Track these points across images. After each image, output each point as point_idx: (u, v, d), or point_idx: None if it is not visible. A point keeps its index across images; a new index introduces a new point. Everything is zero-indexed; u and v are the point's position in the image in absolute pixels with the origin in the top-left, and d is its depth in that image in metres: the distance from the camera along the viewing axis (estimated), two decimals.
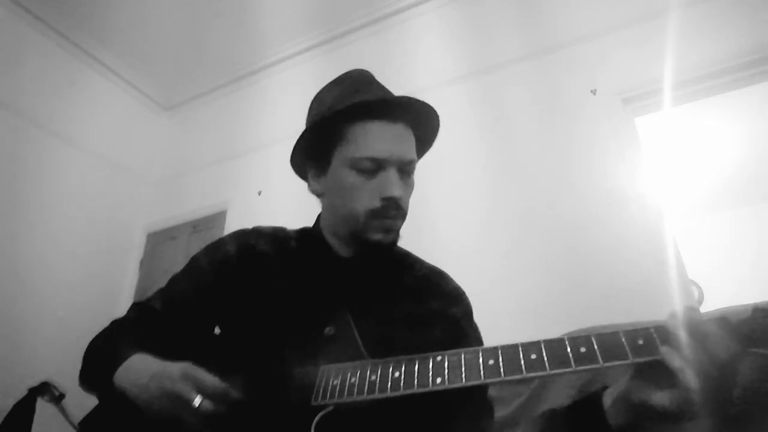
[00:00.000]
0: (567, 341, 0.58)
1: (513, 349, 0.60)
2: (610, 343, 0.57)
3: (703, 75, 2.29)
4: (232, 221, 3.31)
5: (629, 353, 0.56)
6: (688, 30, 2.30)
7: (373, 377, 0.65)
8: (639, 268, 2.00)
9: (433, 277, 0.93)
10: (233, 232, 0.95)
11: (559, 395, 1.40)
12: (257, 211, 3.22)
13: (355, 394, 0.65)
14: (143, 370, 0.71)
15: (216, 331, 0.88)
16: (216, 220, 3.39)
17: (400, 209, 0.83)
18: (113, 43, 3.61)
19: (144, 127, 4.00)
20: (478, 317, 0.91)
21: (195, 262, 0.92)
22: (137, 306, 0.90)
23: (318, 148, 0.87)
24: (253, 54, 3.74)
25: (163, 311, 0.87)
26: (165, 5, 3.36)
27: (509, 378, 0.58)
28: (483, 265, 2.31)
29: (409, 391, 0.62)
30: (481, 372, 0.60)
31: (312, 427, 0.65)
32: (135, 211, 3.71)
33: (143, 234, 3.70)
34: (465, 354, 0.63)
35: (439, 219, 2.53)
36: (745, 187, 4.41)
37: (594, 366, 0.56)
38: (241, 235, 0.94)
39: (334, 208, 0.87)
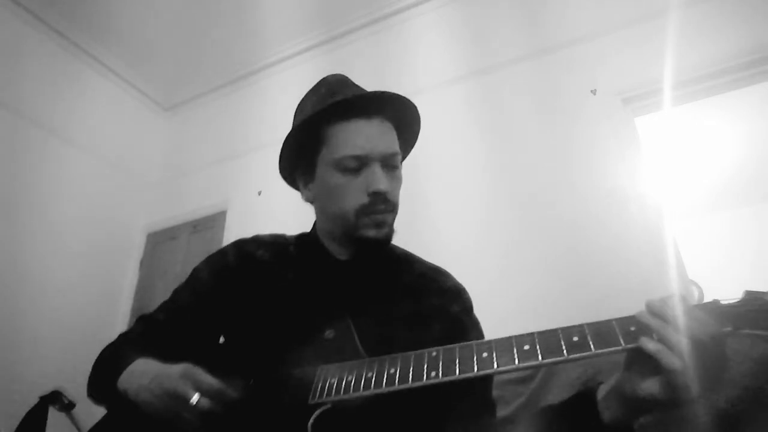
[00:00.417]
0: (560, 331, 0.59)
1: (506, 342, 0.61)
2: (602, 331, 0.57)
3: (703, 75, 2.29)
4: (232, 221, 3.31)
5: (621, 340, 0.56)
6: (688, 30, 2.30)
7: (370, 374, 0.66)
8: (639, 268, 1.99)
9: (433, 275, 0.93)
10: (233, 241, 0.97)
11: (559, 395, 1.40)
12: (257, 211, 3.22)
13: (352, 390, 0.65)
14: (145, 372, 0.72)
15: (220, 341, 0.90)
16: (216, 220, 3.39)
17: (388, 203, 0.83)
18: (113, 43, 3.61)
19: (144, 127, 4.00)
20: (478, 318, 0.91)
21: (196, 273, 0.94)
22: (142, 319, 0.92)
23: (302, 155, 0.88)
24: (253, 54, 3.75)
25: (168, 322, 0.89)
26: (165, 5, 3.36)
27: (502, 369, 0.58)
28: (483, 265, 2.31)
29: (404, 386, 0.62)
30: (475, 365, 0.60)
31: (309, 425, 0.65)
32: (135, 211, 3.71)
33: (143, 234, 3.70)
34: (459, 348, 0.63)
35: (439, 219, 2.53)
36: (745, 187, 4.41)
37: (586, 354, 0.56)
38: (241, 244, 0.95)
39: (325, 211, 0.89)
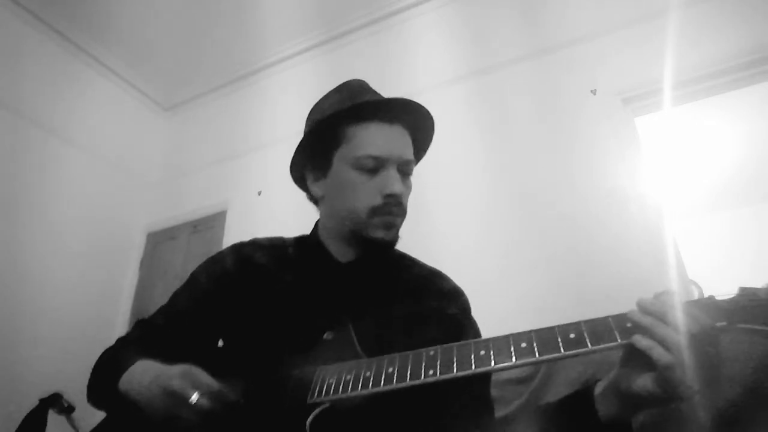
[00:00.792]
0: (557, 329, 0.59)
1: (504, 340, 0.61)
2: (598, 328, 0.57)
3: (703, 75, 2.29)
4: (232, 221, 3.31)
5: (617, 336, 0.56)
6: (688, 30, 2.30)
7: (368, 373, 0.66)
8: (639, 268, 1.99)
9: (431, 278, 0.93)
10: (231, 245, 0.97)
11: (559, 395, 1.40)
12: (257, 211, 3.22)
13: (350, 390, 0.66)
14: (145, 373, 0.73)
15: (219, 344, 0.90)
16: (216, 220, 3.39)
17: (401, 206, 0.85)
18: (113, 43, 3.61)
19: (144, 127, 3.99)
20: (477, 318, 0.91)
21: (195, 276, 0.94)
22: (141, 323, 0.92)
23: (318, 151, 0.89)
24: (253, 54, 3.75)
25: (166, 327, 0.89)
26: (165, 5, 3.36)
27: (500, 366, 0.59)
28: (483, 265, 2.31)
29: (402, 385, 0.62)
30: (473, 363, 0.60)
31: (307, 425, 0.65)
32: (135, 211, 3.70)
33: (143, 234, 3.70)
34: (457, 347, 0.63)
35: (439, 219, 2.53)
36: (745, 187, 4.41)
37: (583, 350, 0.56)
38: (239, 248, 0.95)
39: (334, 209, 0.89)
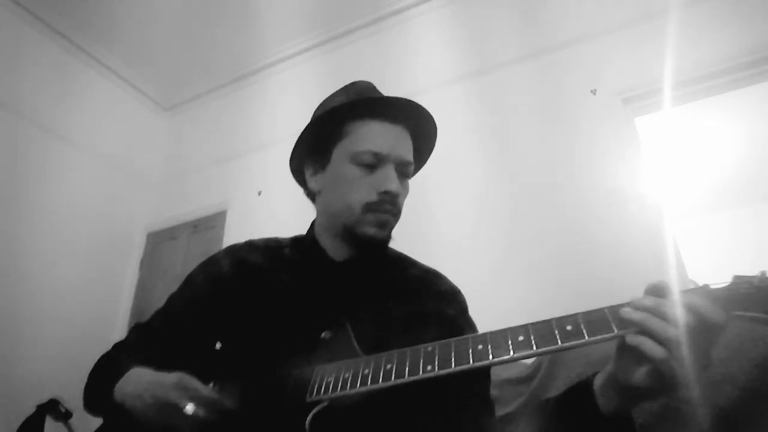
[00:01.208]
0: (553, 321, 0.59)
1: (501, 334, 0.61)
2: (594, 319, 0.57)
3: (703, 75, 2.29)
4: (232, 221, 3.31)
5: (614, 326, 0.56)
6: (688, 30, 2.30)
7: (366, 371, 0.66)
8: (639, 268, 1.99)
9: (429, 278, 0.93)
10: (226, 248, 0.98)
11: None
12: (257, 211, 3.22)
13: (349, 387, 0.66)
14: (140, 381, 0.73)
15: (216, 347, 0.90)
16: (216, 220, 3.39)
17: (395, 205, 0.84)
18: (113, 44, 3.61)
19: (144, 127, 3.99)
20: (476, 317, 0.91)
21: (191, 279, 0.94)
22: (137, 327, 0.92)
23: (319, 144, 0.89)
24: (253, 54, 3.75)
25: (163, 330, 0.89)
26: (165, 6, 3.36)
27: (498, 360, 0.59)
28: (482, 265, 2.31)
29: (401, 381, 0.62)
30: (470, 357, 0.60)
31: (306, 424, 0.65)
32: (135, 211, 3.70)
33: (143, 234, 3.70)
34: (455, 342, 0.63)
35: (439, 218, 2.53)
36: (745, 187, 4.41)
37: (580, 342, 0.56)
38: (235, 250, 0.96)
39: (330, 203, 0.89)
